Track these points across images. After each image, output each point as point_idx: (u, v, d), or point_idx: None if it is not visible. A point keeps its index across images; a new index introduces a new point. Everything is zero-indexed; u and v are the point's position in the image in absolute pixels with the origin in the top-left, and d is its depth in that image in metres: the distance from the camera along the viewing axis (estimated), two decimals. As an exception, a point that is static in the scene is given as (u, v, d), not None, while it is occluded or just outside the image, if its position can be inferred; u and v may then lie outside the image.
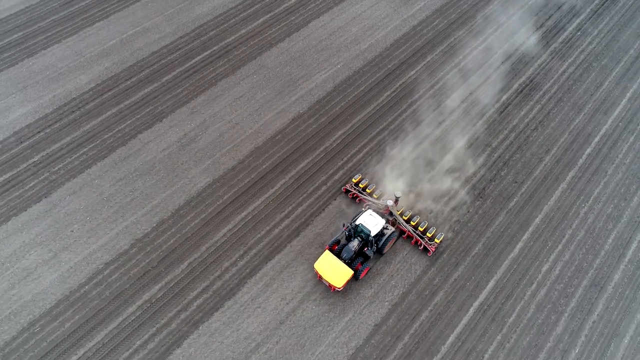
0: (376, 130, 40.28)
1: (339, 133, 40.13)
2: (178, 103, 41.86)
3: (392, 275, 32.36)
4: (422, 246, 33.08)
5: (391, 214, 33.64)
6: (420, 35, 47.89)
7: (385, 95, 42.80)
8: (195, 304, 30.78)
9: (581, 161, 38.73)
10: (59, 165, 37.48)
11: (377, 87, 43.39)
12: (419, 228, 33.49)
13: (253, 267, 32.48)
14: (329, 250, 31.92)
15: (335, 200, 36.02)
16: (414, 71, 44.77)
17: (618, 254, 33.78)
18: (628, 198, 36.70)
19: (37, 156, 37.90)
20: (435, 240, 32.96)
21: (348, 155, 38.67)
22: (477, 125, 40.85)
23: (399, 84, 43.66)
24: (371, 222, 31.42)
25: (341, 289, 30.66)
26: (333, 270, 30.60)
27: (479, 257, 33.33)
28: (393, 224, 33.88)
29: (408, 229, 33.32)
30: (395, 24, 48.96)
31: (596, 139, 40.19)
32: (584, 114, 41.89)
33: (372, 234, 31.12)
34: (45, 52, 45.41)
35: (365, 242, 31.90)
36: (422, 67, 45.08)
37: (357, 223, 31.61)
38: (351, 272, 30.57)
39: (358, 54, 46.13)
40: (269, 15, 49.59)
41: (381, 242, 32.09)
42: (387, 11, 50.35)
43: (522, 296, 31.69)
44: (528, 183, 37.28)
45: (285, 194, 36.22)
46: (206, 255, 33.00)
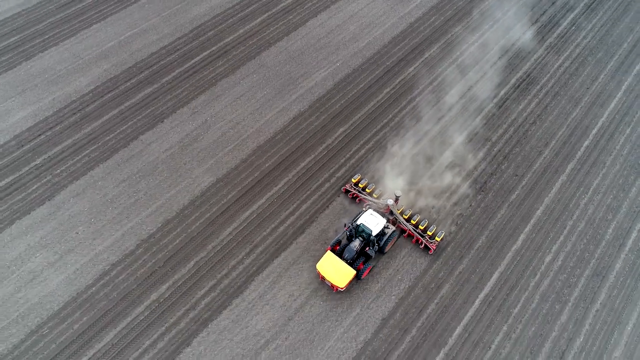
0: (377, 127, 40.59)
1: (340, 130, 40.39)
2: (179, 103, 41.90)
3: (398, 269, 32.66)
4: (423, 245, 33.32)
5: (391, 213, 33.88)
6: (417, 32, 48.29)
7: (384, 92, 43.14)
8: (203, 303, 30.90)
9: (579, 153, 39.30)
10: (61, 167, 37.39)
11: (377, 85, 43.71)
12: (420, 227, 33.69)
13: (260, 265, 32.65)
14: (331, 250, 32.06)
15: (338, 197, 36.28)
16: (413, 68, 45.14)
17: (618, 244, 34.35)
18: (626, 189, 37.31)
19: (39, 159, 37.78)
20: (435, 238, 33.14)
21: (350, 152, 38.94)
22: (477, 120, 41.31)
23: (398, 81, 44.01)
24: (372, 222, 31.61)
25: (344, 289, 30.81)
26: (335, 270, 30.69)
27: (483, 250, 33.74)
28: (393, 223, 34.11)
29: (408, 228, 33.52)
30: (392, 22, 49.32)
31: (593, 132, 40.80)
32: (581, 107, 42.49)
33: (374, 234, 31.29)
34: (43, 55, 45.23)
35: (366, 242, 32.06)
36: (421, 64, 45.46)
37: (358, 223, 31.78)
38: (353, 272, 30.69)
39: (356, 52, 46.43)
40: (267, 14, 49.74)
41: (382, 242, 32.29)
42: (384, 9, 50.70)
43: (526, 287, 32.14)
44: (528, 176, 37.77)
45: (289, 192, 36.41)
46: (212, 254, 33.12)
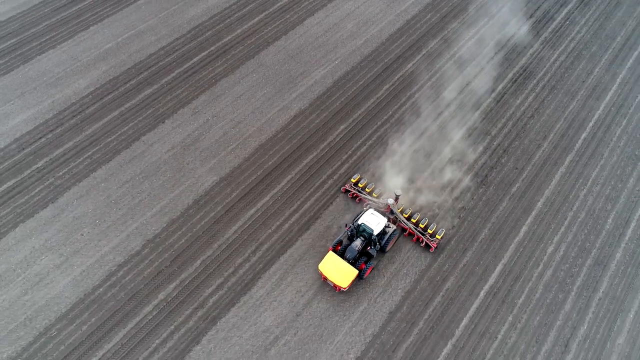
0: (378, 123, 40.91)
1: (341, 127, 40.65)
2: (179, 104, 41.96)
3: (403, 263, 33.00)
4: (424, 243, 33.57)
5: (392, 212, 34.17)
6: (414, 29, 48.68)
7: (384, 88, 43.47)
8: (211, 301, 31.04)
9: (578, 145, 39.89)
10: (64, 170, 37.32)
11: (376, 81, 44.03)
12: (420, 225, 33.94)
13: (266, 262, 32.84)
14: (332, 250, 32.26)
15: (342, 193, 36.54)
16: (411, 64, 45.51)
17: (618, 233, 34.94)
18: (624, 179, 37.93)
19: (41, 162, 37.69)
20: (436, 236, 33.39)
21: (352, 148, 39.21)
22: (476, 114, 41.76)
23: (397, 77, 44.37)
24: (373, 221, 31.80)
25: (346, 289, 31.03)
26: (338, 270, 30.83)
27: (486, 242, 34.18)
28: (394, 222, 34.37)
29: (409, 227, 33.73)
30: (389, 19, 49.67)
31: (590, 124, 41.41)
32: (577, 100, 43.10)
33: (375, 233, 31.50)
34: (40, 58, 45.04)
35: (368, 241, 32.27)
36: (419, 60, 45.84)
37: (359, 223, 32.02)
38: (356, 272, 30.83)
39: (355, 50, 46.72)
40: (264, 14, 49.89)
41: (384, 241, 32.52)
42: (380, 7, 51.04)
43: (530, 278, 32.62)
44: (528, 169, 38.27)
45: (292, 189, 36.62)
46: (218, 252, 33.26)
